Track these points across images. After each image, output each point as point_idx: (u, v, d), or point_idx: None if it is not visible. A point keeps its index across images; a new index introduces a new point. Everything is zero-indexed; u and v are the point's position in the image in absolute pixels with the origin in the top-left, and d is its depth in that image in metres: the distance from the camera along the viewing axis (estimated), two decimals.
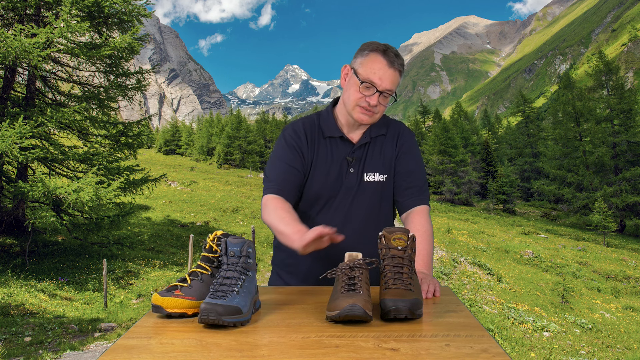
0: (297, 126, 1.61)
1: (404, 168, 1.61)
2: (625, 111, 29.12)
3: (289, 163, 1.54)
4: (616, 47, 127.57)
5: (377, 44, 1.48)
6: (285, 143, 1.57)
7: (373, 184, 1.58)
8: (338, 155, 1.58)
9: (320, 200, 1.58)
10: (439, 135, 37.43)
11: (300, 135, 1.58)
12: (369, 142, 1.60)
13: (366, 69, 1.46)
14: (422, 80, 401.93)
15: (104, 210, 11.78)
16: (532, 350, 6.80)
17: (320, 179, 1.57)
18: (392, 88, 1.47)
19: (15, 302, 7.96)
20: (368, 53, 1.47)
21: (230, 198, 25.30)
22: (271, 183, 1.53)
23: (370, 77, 1.45)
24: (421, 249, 1.48)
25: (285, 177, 1.52)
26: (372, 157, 1.59)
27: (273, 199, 1.48)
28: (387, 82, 1.45)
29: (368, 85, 1.45)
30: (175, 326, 1.05)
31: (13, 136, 8.55)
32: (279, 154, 1.57)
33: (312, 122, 1.62)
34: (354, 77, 1.49)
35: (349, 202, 1.57)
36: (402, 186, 1.61)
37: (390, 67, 1.45)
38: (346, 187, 1.57)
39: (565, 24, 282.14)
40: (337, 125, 1.60)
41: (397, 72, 1.46)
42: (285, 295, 1.32)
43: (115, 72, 12.08)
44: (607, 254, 18.83)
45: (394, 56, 1.46)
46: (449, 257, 12.69)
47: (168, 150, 60.40)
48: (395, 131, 1.64)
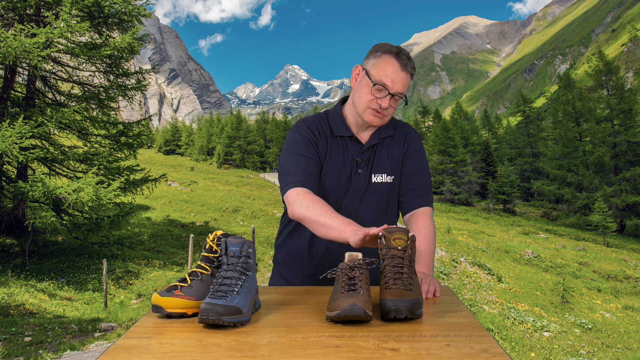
0: (309, 122, 1.60)
1: (410, 169, 1.61)
2: (625, 111, 29.12)
3: (307, 155, 1.52)
4: (616, 47, 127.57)
5: (390, 45, 1.48)
6: (301, 137, 1.55)
7: (381, 185, 1.59)
8: (347, 155, 1.58)
9: (328, 200, 1.56)
10: (439, 135, 37.43)
11: (314, 131, 1.57)
12: (377, 143, 1.60)
13: (378, 71, 1.45)
14: (422, 80, 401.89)
15: (104, 210, 11.79)
16: (532, 350, 6.80)
17: (330, 179, 1.56)
18: (404, 91, 1.47)
19: (15, 302, 7.96)
20: (381, 55, 1.46)
21: (230, 198, 25.30)
22: (293, 177, 1.49)
23: (383, 80, 1.44)
24: (423, 250, 1.48)
25: (307, 168, 1.50)
26: (380, 158, 1.59)
27: (302, 192, 1.45)
28: (399, 85, 1.45)
29: (380, 88, 1.45)
30: (175, 326, 1.05)
31: (13, 136, 8.55)
32: (295, 147, 1.54)
33: (322, 120, 1.62)
34: (365, 79, 1.48)
35: (357, 203, 1.57)
36: (407, 187, 1.61)
37: (403, 70, 1.45)
38: (354, 187, 1.57)
39: (565, 24, 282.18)
40: (346, 125, 1.59)
41: (408, 76, 1.47)
42: (285, 295, 1.32)
43: (115, 72, 12.08)
44: (607, 254, 18.83)
45: (406, 59, 1.46)
46: (449, 257, 12.69)
47: (168, 150, 60.44)
48: (402, 133, 1.65)
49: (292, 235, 1.66)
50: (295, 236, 1.65)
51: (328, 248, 1.58)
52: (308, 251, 1.61)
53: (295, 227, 1.64)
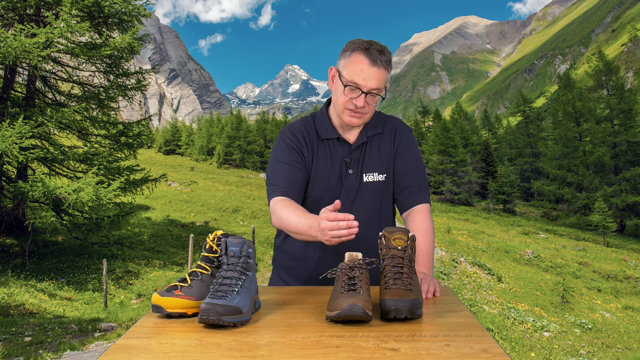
0: (294, 128, 1.59)
1: (403, 166, 1.59)
2: (625, 111, 29.12)
3: (291, 164, 1.51)
4: (616, 47, 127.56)
5: (359, 41, 1.43)
6: (285, 145, 1.55)
7: (373, 184, 1.57)
8: (336, 157, 1.56)
9: (321, 204, 1.55)
10: (439, 135, 37.42)
11: (299, 137, 1.56)
12: (366, 142, 1.58)
13: (349, 70, 1.41)
14: (422, 80, 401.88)
15: (104, 210, 11.79)
16: (532, 350, 6.80)
17: (321, 183, 1.55)
18: (379, 86, 1.42)
19: (15, 302, 7.96)
20: (350, 53, 1.43)
21: (230, 198, 25.30)
22: (276, 186, 1.49)
23: (354, 79, 1.41)
24: (422, 249, 1.47)
25: (290, 177, 1.50)
26: (370, 156, 1.57)
27: (280, 201, 1.44)
28: (371, 81, 1.40)
29: (353, 88, 1.42)
30: (175, 326, 1.05)
31: (13, 136, 8.55)
32: (280, 156, 1.54)
33: (308, 124, 1.60)
34: (338, 80, 1.46)
35: (350, 204, 1.56)
36: (402, 184, 1.58)
37: (374, 66, 1.40)
38: (346, 189, 1.55)
39: (565, 24, 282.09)
40: (332, 126, 1.57)
41: (382, 69, 1.41)
42: (285, 295, 1.32)
43: (115, 72, 12.08)
44: (607, 254, 18.83)
45: (377, 53, 1.40)
46: (449, 257, 12.69)
47: (168, 150, 60.41)
48: (392, 128, 1.62)
49: (290, 236, 1.65)
50: (292, 237, 1.65)
51: (327, 248, 1.57)
52: (305, 251, 1.60)
53: None
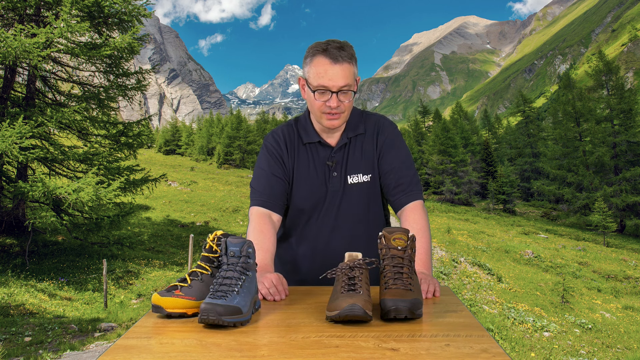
0: (276, 134, 1.60)
1: (389, 166, 1.57)
2: (625, 111, 29.12)
3: (272, 172, 1.53)
4: (616, 47, 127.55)
5: (317, 44, 1.43)
6: (267, 152, 1.57)
7: (358, 185, 1.56)
8: (319, 161, 1.56)
9: (307, 208, 1.56)
10: (439, 135, 37.43)
11: (280, 144, 1.57)
12: (347, 143, 1.57)
13: (314, 75, 1.41)
14: (422, 80, 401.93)
15: (104, 210, 11.78)
16: (532, 350, 6.80)
17: (305, 187, 1.55)
18: (347, 82, 1.41)
19: (15, 302, 7.96)
20: (312, 59, 1.42)
21: (230, 198, 25.30)
22: (256, 194, 1.52)
23: (320, 82, 1.40)
24: (418, 247, 1.46)
25: (270, 185, 1.52)
26: (353, 158, 1.56)
27: (257, 216, 1.49)
28: (338, 79, 1.39)
29: (322, 91, 1.42)
30: (175, 326, 1.05)
31: (13, 136, 8.55)
32: (262, 163, 1.56)
33: (290, 129, 1.60)
34: (308, 88, 1.46)
35: (336, 206, 1.56)
36: (391, 185, 1.56)
37: (336, 64, 1.39)
38: (331, 192, 1.55)
39: (565, 24, 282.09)
40: (314, 131, 1.57)
41: (345, 65, 1.40)
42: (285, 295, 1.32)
43: (115, 72, 12.08)
44: (607, 254, 18.83)
45: (336, 51, 1.39)
46: (449, 257, 12.69)
47: (168, 150, 60.40)
48: (374, 128, 1.60)
49: (284, 238, 1.67)
50: (285, 238, 1.66)
51: (326, 249, 1.58)
52: (297, 251, 1.62)
53: (286, 230, 1.65)
